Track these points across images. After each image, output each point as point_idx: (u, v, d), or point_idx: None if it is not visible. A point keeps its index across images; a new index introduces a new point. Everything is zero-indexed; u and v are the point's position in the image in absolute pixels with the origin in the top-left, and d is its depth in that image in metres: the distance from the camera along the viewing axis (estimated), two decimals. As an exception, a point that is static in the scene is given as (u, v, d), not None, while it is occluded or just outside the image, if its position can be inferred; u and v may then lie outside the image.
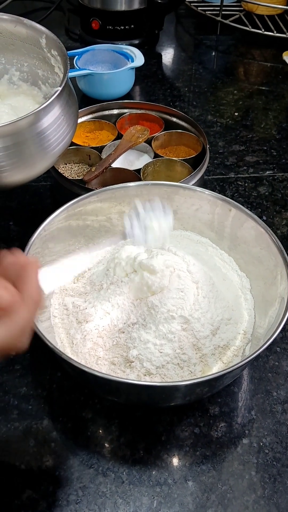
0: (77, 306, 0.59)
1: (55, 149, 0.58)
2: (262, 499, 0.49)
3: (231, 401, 0.57)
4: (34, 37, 0.66)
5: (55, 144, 0.57)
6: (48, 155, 0.58)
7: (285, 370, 0.60)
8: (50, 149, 0.57)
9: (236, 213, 0.63)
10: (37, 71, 0.70)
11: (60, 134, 0.57)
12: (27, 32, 0.66)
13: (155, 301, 0.55)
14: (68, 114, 0.59)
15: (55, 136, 0.56)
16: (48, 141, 0.56)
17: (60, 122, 0.57)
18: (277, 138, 0.98)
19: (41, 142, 0.56)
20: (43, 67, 0.69)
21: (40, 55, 0.68)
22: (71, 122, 0.60)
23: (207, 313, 0.56)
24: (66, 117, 0.58)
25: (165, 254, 0.59)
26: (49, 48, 0.65)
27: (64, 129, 0.58)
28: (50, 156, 0.58)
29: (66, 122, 0.58)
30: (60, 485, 0.50)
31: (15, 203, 0.82)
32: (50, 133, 0.56)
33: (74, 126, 0.62)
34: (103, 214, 0.66)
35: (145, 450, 0.53)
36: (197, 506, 0.49)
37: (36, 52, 0.68)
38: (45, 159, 0.58)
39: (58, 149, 0.58)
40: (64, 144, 0.59)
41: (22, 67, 0.71)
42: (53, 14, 1.32)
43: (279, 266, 0.56)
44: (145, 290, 0.56)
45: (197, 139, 0.82)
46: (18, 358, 0.60)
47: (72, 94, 0.62)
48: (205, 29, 1.37)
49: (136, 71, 1.06)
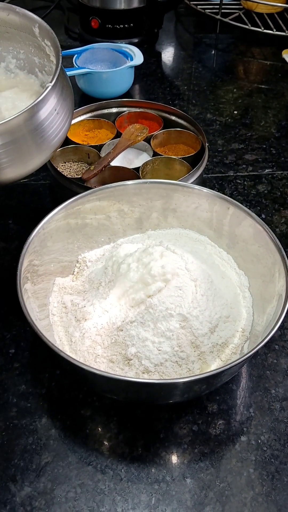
0: (75, 304, 0.59)
1: (51, 143, 0.58)
2: (260, 496, 0.49)
3: (229, 398, 0.57)
4: (27, 25, 0.66)
5: (50, 138, 0.57)
6: (44, 149, 0.58)
7: (283, 368, 0.60)
8: (46, 143, 0.57)
9: (234, 211, 0.63)
10: (34, 58, 0.70)
11: (55, 128, 0.57)
12: (20, 20, 0.66)
13: (153, 299, 0.55)
14: (63, 106, 0.58)
15: (50, 130, 0.56)
16: (44, 136, 0.56)
17: (55, 116, 0.57)
18: (276, 136, 0.98)
19: (37, 137, 0.56)
20: (39, 54, 0.69)
21: (35, 43, 0.67)
22: (67, 115, 0.60)
23: (205, 311, 0.56)
24: (60, 110, 0.58)
25: (164, 253, 0.59)
26: (42, 37, 0.65)
27: (59, 123, 0.58)
28: (46, 151, 0.58)
29: (61, 115, 0.58)
30: (58, 482, 0.50)
31: (15, 201, 0.82)
32: (45, 127, 0.56)
33: (70, 118, 0.62)
34: (102, 212, 0.66)
35: (143, 448, 0.53)
36: (195, 503, 0.49)
37: (31, 40, 0.68)
38: (41, 153, 0.58)
39: (55, 142, 0.58)
40: (60, 137, 0.59)
41: (19, 54, 0.71)
42: (52, 12, 1.32)
43: (277, 263, 0.56)
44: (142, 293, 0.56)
45: (196, 138, 0.83)
46: (17, 356, 0.60)
47: (67, 86, 0.62)
48: (205, 28, 1.37)
49: (136, 70, 1.06)
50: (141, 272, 0.56)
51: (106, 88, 1.02)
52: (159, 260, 0.57)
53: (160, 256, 0.57)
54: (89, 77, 1.01)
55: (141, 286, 0.56)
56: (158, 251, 0.58)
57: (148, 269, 0.56)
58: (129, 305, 0.56)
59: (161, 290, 0.56)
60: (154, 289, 0.55)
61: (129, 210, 0.67)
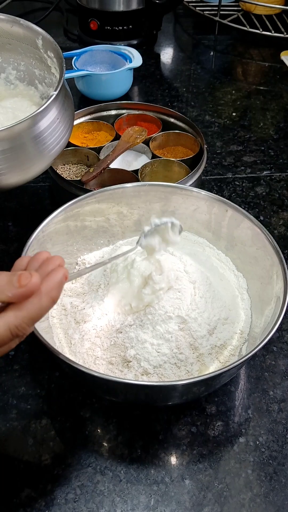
0: (75, 306, 0.60)
1: (51, 151, 0.58)
2: (258, 497, 0.50)
3: (228, 400, 0.57)
4: (31, 37, 0.66)
5: (51, 146, 0.58)
6: (44, 157, 0.58)
7: (281, 370, 0.60)
8: (46, 152, 0.58)
9: (232, 214, 0.63)
10: (34, 70, 0.70)
11: (56, 137, 0.58)
12: (23, 32, 0.66)
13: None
14: (64, 116, 0.59)
15: (51, 139, 0.57)
16: (44, 144, 0.57)
17: (56, 125, 0.57)
18: (275, 138, 0.99)
19: (38, 145, 0.56)
20: (40, 66, 0.69)
21: (36, 55, 0.68)
22: (67, 125, 0.61)
23: (204, 313, 0.56)
24: (62, 119, 0.59)
25: (163, 255, 0.59)
26: (45, 49, 0.66)
27: (60, 132, 0.58)
28: (47, 158, 0.59)
29: (62, 125, 0.59)
30: (58, 483, 0.50)
31: (14, 203, 0.82)
32: (46, 136, 0.57)
33: (70, 128, 0.63)
34: (101, 215, 0.66)
35: (142, 449, 0.53)
36: (194, 504, 0.49)
37: (33, 52, 0.68)
38: (42, 161, 0.58)
39: (55, 151, 0.59)
40: (60, 146, 0.60)
41: (19, 66, 0.72)
42: (51, 14, 1.32)
43: (275, 265, 0.56)
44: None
45: (194, 140, 0.83)
46: (16, 358, 0.61)
47: (68, 96, 0.63)
48: (203, 29, 1.37)
49: (135, 72, 1.07)
50: (137, 285, 0.56)
51: (105, 90, 1.03)
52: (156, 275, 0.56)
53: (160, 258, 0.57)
54: (88, 79, 1.01)
55: (136, 299, 0.56)
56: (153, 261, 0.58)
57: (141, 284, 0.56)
58: (125, 314, 0.56)
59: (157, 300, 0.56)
60: (149, 300, 0.56)
61: (128, 212, 0.67)
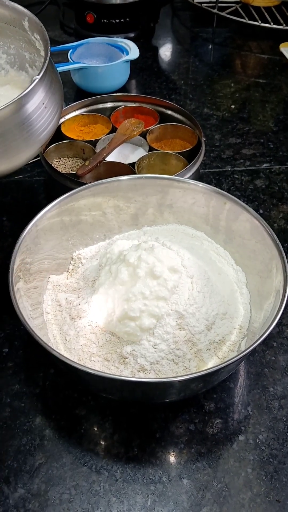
0: (70, 302, 0.58)
1: (39, 137, 0.57)
2: (259, 496, 0.49)
3: (227, 397, 0.56)
4: (17, 19, 0.65)
5: (38, 132, 0.57)
6: (31, 143, 0.57)
7: (281, 365, 0.59)
8: (33, 138, 0.57)
9: (231, 206, 0.62)
10: (24, 53, 0.69)
11: (43, 122, 0.57)
12: (9, 14, 0.65)
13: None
14: (51, 101, 0.58)
15: (37, 124, 0.56)
16: (31, 130, 0.56)
17: (42, 110, 0.56)
18: (274, 130, 0.97)
19: (24, 131, 0.55)
20: (30, 49, 0.68)
21: (25, 38, 0.67)
22: (55, 109, 0.60)
23: (202, 308, 0.55)
24: (48, 104, 0.58)
25: (160, 250, 0.57)
26: (32, 31, 0.64)
27: (47, 117, 0.57)
28: (34, 145, 0.58)
29: (49, 109, 0.58)
30: (52, 483, 0.49)
31: (8, 198, 0.81)
32: (32, 122, 0.55)
33: (59, 113, 0.62)
34: (97, 208, 0.65)
35: (139, 448, 0.52)
36: (192, 504, 0.48)
37: (21, 35, 0.67)
38: (29, 148, 0.57)
39: (42, 137, 0.58)
40: (48, 131, 0.59)
41: (9, 49, 0.71)
42: (48, 8, 1.31)
43: (275, 259, 0.55)
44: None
45: (192, 132, 0.81)
46: (10, 355, 0.59)
47: (56, 80, 0.62)
48: (202, 22, 1.35)
49: (132, 64, 1.05)
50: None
51: (101, 83, 1.01)
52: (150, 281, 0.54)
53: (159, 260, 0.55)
54: (84, 72, 1.00)
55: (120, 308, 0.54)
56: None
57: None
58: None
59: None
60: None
61: (124, 206, 0.66)
